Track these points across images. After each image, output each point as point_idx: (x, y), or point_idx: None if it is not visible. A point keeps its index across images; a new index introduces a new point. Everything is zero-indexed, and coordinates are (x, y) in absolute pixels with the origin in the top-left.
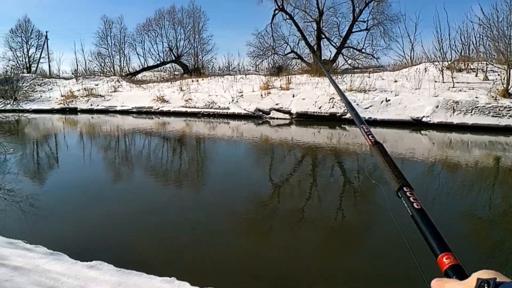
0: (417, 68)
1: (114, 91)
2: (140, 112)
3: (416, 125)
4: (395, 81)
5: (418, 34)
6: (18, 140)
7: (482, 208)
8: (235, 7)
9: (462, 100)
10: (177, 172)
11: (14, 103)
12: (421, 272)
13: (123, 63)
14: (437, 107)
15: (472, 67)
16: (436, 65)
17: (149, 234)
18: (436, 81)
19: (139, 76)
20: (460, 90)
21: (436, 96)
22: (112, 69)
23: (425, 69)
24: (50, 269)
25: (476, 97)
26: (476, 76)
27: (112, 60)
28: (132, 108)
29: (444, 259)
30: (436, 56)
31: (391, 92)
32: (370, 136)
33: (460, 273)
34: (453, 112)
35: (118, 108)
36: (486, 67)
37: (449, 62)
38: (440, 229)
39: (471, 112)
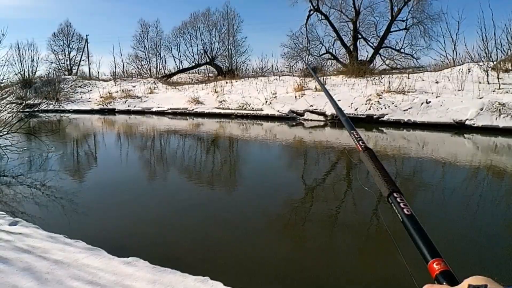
0: (460, 69)
1: (150, 93)
2: (175, 113)
3: (459, 128)
4: (437, 82)
5: (461, 33)
6: (59, 139)
7: None
8: (269, 9)
9: (509, 102)
10: (210, 173)
11: (56, 103)
12: (412, 278)
13: (159, 65)
14: (481, 109)
15: None
16: (480, 65)
17: (183, 233)
18: (480, 82)
19: (175, 78)
20: (507, 92)
21: (480, 98)
22: (148, 71)
23: (469, 69)
24: (89, 264)
25: None
26: None
27: (148, 63)
28: (168, 109)
29: (435, 265)
30: (480, 56)
31: (432, 93)
32: (360, 142)
33: (450, 279)
34: (499, 115)
35: (154, 109)
36: None
37: (495, 62)
38: (491, 238)
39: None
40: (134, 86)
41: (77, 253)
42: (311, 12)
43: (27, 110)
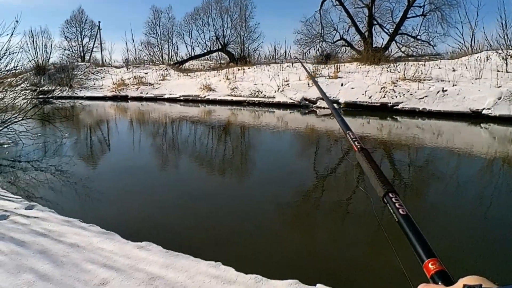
0: (478, 57)
1: (162, 80)
2: (187, 100)
3: (476, 117)
4: (454, 70)
5: (480, 20)
6: (73, 126)
7: None
8: None
9: None
10: (222, 161)
11: (70, 90)
12: (407, 279)
13: (171, 52)
14: (499, 99)
15: None
16: (499, 53)
17: (196, 219)
18: (499, 71)
19: (187, 64)
20: None
21: (498, 87)
22: (160, 58)
23: (487, 57)
24: (103, 248)
25: None
26: None
27: (160, 49)
28: (180, 96)
29: (430, 265)
30: (499, 44)
31: (449, 82)
32: (356, 142)
33: (446, 279)
34: None
35: (166, 96)
36: None
37: None
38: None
39: None
40: (146, 73)
41: (92, 237)
42: None
43: (42, 96)
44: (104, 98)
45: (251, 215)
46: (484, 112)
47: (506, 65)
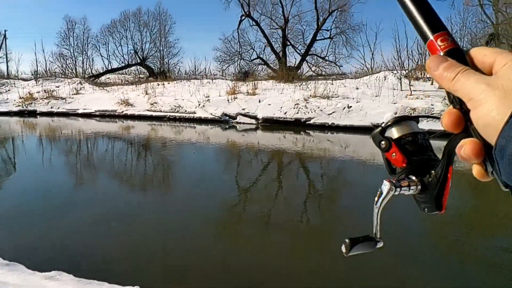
0: (377, 76)
1: (76, 94)
2: (104, 116)
3: None
4: (357, 88)
5: (378, 44)
6: None
7: None
8: (202, 11)
9: (419, 107)
10: (142, 178)
11: None
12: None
13: (86, 64)
14: (395, 113)
15: (428, 76)
16: (394, 73)
17: (112, 241)
18: (394, 89)
19: (103, 78)
20: (417, 98)
21: (394, 103)
22: (74, 71)
23: (385, 77)
24: (6, 281)
25: (432, 104)
26: (431, 84)
27: (74, 62)
28: (95, 111)
29: (439, 42)
30: (394, 65)
31: (353, 99)
32: None
33: (461, 59)
34: None
35: (80, 111)
36: None
37: (407, 71)
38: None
39: (427, 118)
40: (58, 86)
41: None
42: (243, 17)
43: None
44: (9, 114)
45: (173, 233)
46: (383, 125)
47: (401, 84)
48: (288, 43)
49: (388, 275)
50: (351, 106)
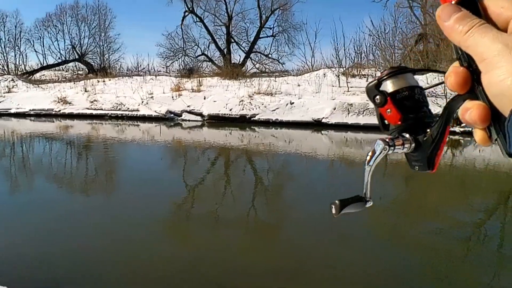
0: (317, 74)
1: (8, 92)
2: (39, 115)
3: (317, 125)
4: (298, 85)
5: (318, 42)
6: None
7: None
8: (144, 6)
9: (356, 102)
10: (85, 180)
11: None
12: None
13: (19, 60)
14: (334, 109)
15: (363, 73)
16: (333, 71)
17: (58, 248)
18: (333, 86)
19: (38, 75)
20: (354, 94)
21: (333, 99)
22: (5, 67)
23: (324, 74)
24: None
25: (367, 100)
26: (367, 81)
27: (6, 58)
28: (30, 110)
29: None
30: (333, 63)
31: (295, 95)
32: None
33: (475, 11)
34: (348, 114)
35: (13, 111)
36: (375, 74)
37: (344, 69)
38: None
39: (363, 113)
40: None
41: None
42: (186, 13)
43: None
44: None
45: (124, 235)
46: (323, 120)
47: (339, 81)
48: (232, 40)
49: (330, 260)
50: (293, 103)
